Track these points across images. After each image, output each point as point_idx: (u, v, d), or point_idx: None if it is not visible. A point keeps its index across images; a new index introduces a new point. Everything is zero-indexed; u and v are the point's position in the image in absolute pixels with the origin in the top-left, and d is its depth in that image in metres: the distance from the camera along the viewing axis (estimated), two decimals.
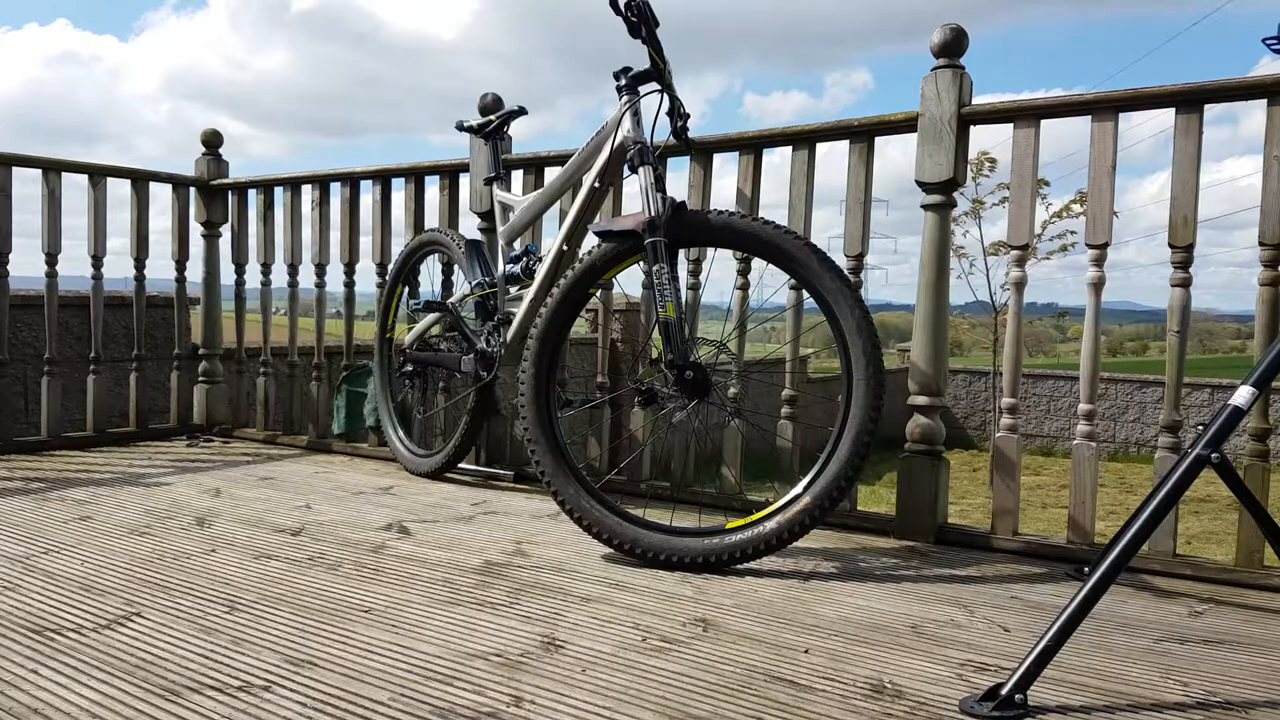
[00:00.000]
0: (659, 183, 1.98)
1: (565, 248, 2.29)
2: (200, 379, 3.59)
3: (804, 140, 2.35)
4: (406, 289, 3.01)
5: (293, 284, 3.39)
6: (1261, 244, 1.85)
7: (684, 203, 1.98)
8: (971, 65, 2.15)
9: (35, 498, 2.38)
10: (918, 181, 2.17)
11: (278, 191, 3.42)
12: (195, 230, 3.59)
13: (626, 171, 2.08)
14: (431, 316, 2.84)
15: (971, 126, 2.16)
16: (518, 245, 2.57)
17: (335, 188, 3.29)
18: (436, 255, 2.91)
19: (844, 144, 2.31)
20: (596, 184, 2.21)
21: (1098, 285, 2.05)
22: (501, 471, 2.80)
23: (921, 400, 2.19)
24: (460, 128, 2.78)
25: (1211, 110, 1.92)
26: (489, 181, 2.72)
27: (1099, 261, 2.04)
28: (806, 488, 1.82)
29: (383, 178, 3.16)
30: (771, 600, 1.67)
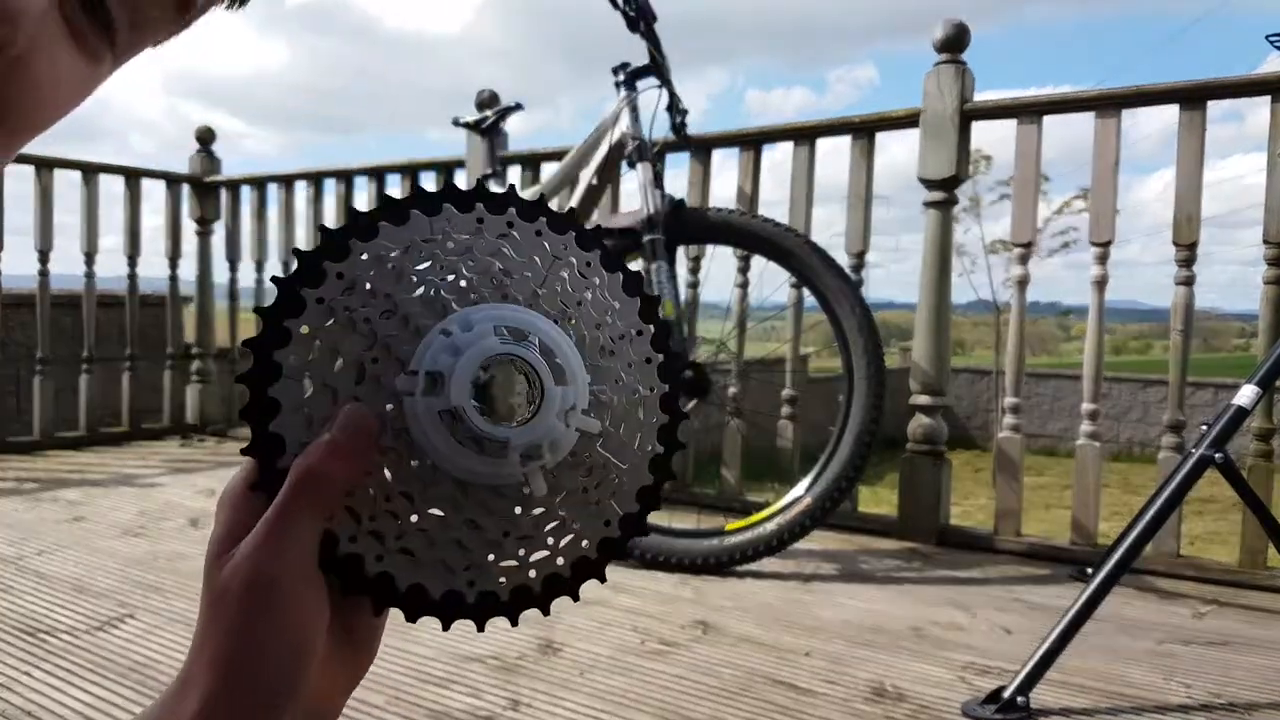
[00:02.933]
0: (657, 179, 1.96)
1: None
2: (194, 378, 3.57)
3: (805, 136, 2.33)
4: None
5: None
6: (1266, 242, 1.84)
7: (683, 200, 1.97)
8: (974, 61, 2.13)
9: (28, 498, 2.36)
10: (920, 178, 2.16)
11: (271, 188, 3.40)
12: (189, 228, 3.58)
13: (624, 168, 2.06)
14: None
15: (974, 123, 2.14)
16: None
17: (329, 184, 3.27)
18: None
19: (845, 140, 2.29)
20: (594, 181, 2.19)
21: (1101, 283, 2.03)
22: None
23: (924, 400, 2.18)
24: (457, 123, 2.76)
25: (1218, 107, 1.91)
26: (485, 178, 2.70)
27: (1102, 259, 2.03)
28: (807, 488, 1.80)
29: (378, 174, 3.14)
30: (772, 602, 1.65)
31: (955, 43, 2.10)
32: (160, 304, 3.69)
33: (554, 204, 2.49)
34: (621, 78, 2.06)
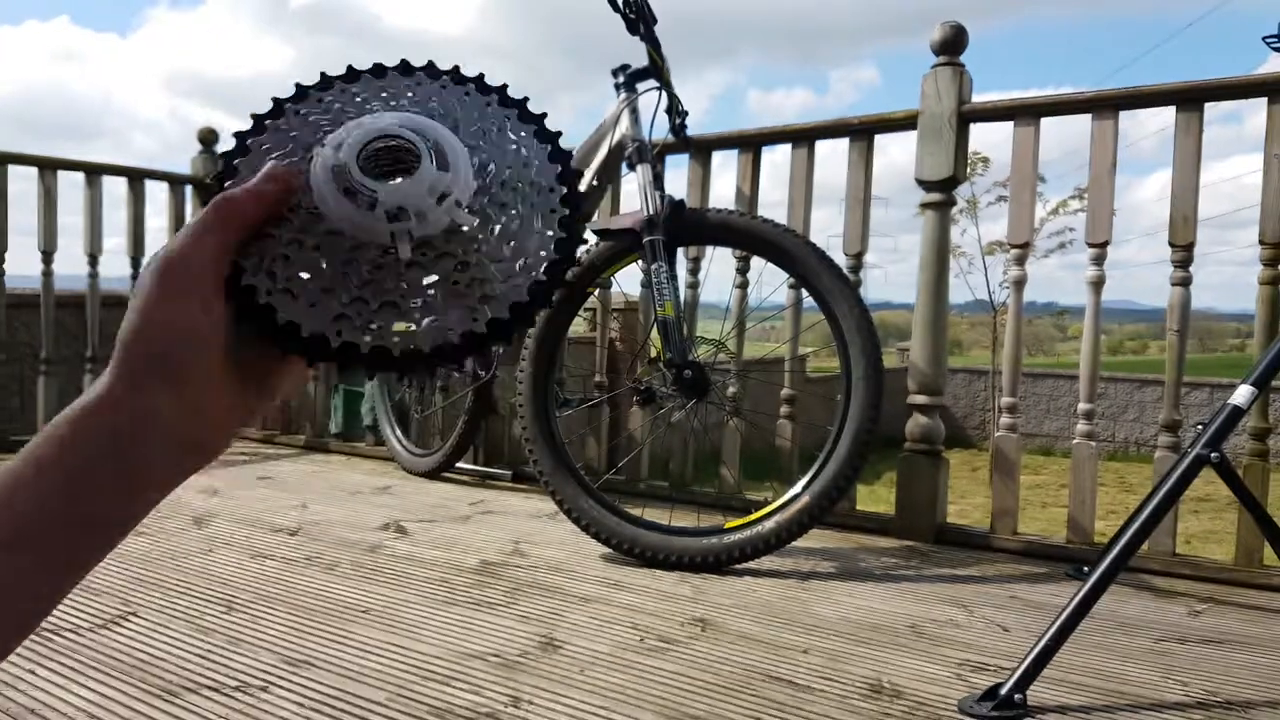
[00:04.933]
0: (657, 181, 1.97)
1: None
2: None
3: (803, 138, 2.35)
4: None
5: None
6: (1261, 243, 1.85)
7: (683, 201, 1.98)
8: (975, 61, 2.15)
9: None
10: (918, 179, 2.17)
11: None
12: None
13: (624, 169, 2.07)
14: None
15: (971, 124, 2.16)
16: None
17: None
18: None
19: (844, 142, 2.30)
20: (594, 182, 2.20)
21: (1098, 284, 2.04)
22: (499, 471, 2.80)
23: (921, 399, 2.19)
24: None
25: (1217, 108, 1.92)
26: None
27: (1099, 260, 2.04)
28: (805, 487, 1.81)
29: None
30: (770, 600, 1.66)
31: (953, 45, 2.12)
32: None
33: None
34: (621, 80, 2.08)
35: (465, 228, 0.38)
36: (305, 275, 0.38)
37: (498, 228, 0.39)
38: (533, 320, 0.39)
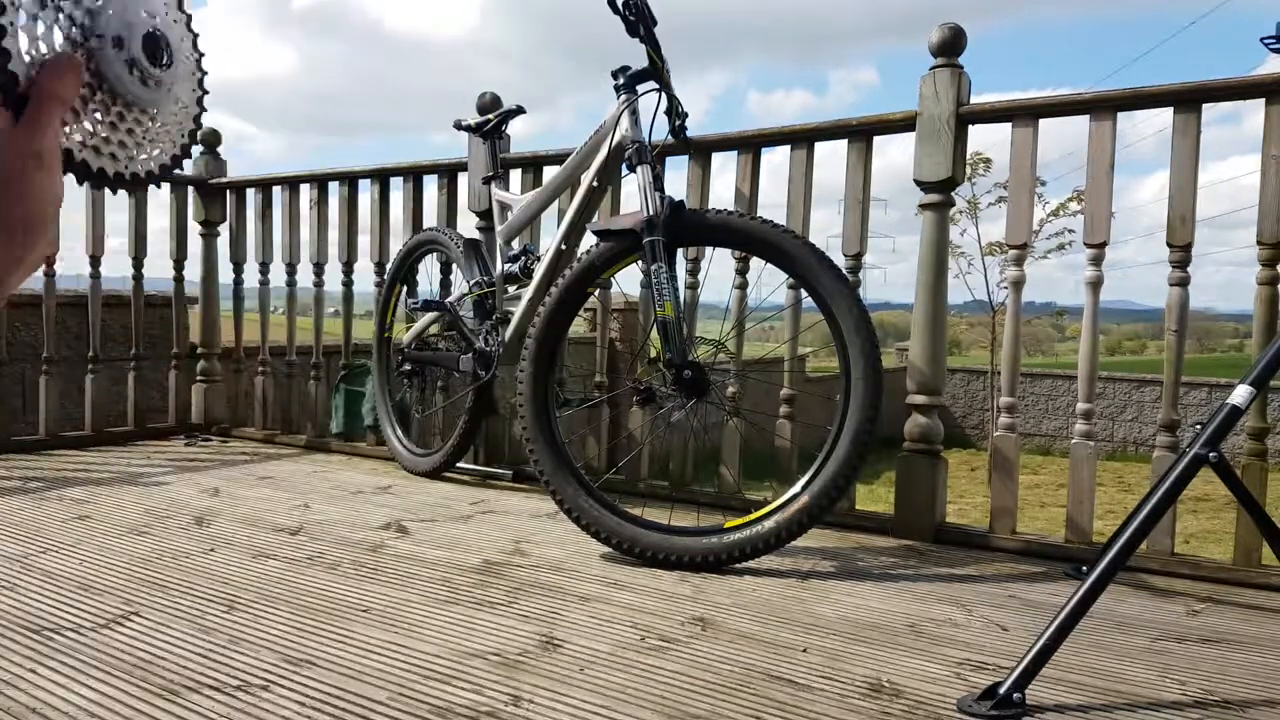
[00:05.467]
0: (657, 182, 1.98)
1: (563, 247, 2.29)
2: (199, 378, 3.58)
3: (802, 139, 2.35)
4: (405, 288, 3.01)
5: (291, 283, 3.39)
6: (1259, 243, 1.85)
7: (682, 202, 1.98)
8: (976, 60, 2.15)
9: (33, 497, 2.37)
10: (916, 180, 2.17)
11: (276, 191, 3.42)
12: (193, 229, 3.59)
13: (624, 170, 2.08)
14: (430, 316, 2.84)
15: (970, 126, 2.16)
16: (516, 244, 2.56)
17: (334, 187, 3.28)
18: (435, 254, 2.91)
19: (843, 143, 2.31)
20: (595, 183, 2.21)
21: (1096, 284, 2.05)
22: (500, 471, 2.80)
23: (920, 399, 2.19)
24: (458, 127, 2.77)
25: (1215, 109, 1.92)
26: (487, 180, 2.71)
27: (1097, 261, 2.05)
28: (805, 487, 1.82)
29: (381, 177, 3.16)
30: (770, 599, 1.67)
31: (951, 46, 2.12)
32: (165, 305, 3.71)
33: (555, 206, 2.52)
34: (621, 81, 2.08)
35: (193, 74, 0.55)
36: (105, 135, 0.51)
37: (183, 62, 0.54)
38: (200, 128, 0.56)
